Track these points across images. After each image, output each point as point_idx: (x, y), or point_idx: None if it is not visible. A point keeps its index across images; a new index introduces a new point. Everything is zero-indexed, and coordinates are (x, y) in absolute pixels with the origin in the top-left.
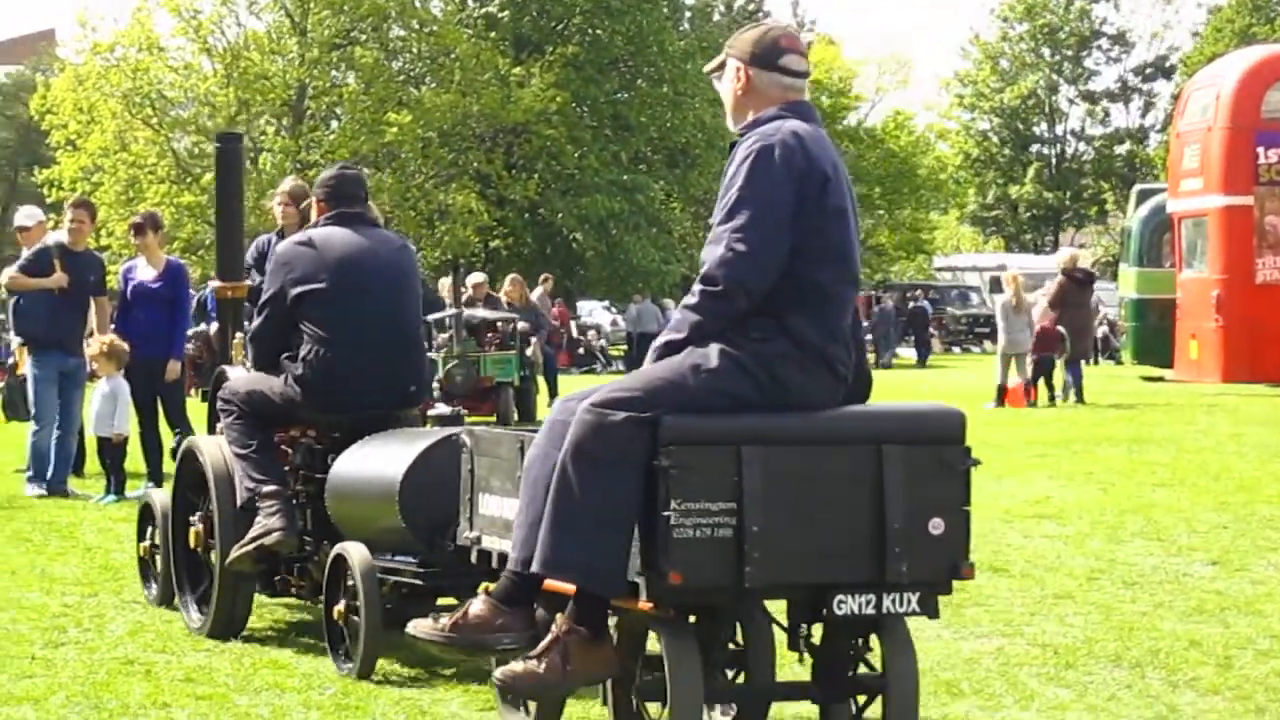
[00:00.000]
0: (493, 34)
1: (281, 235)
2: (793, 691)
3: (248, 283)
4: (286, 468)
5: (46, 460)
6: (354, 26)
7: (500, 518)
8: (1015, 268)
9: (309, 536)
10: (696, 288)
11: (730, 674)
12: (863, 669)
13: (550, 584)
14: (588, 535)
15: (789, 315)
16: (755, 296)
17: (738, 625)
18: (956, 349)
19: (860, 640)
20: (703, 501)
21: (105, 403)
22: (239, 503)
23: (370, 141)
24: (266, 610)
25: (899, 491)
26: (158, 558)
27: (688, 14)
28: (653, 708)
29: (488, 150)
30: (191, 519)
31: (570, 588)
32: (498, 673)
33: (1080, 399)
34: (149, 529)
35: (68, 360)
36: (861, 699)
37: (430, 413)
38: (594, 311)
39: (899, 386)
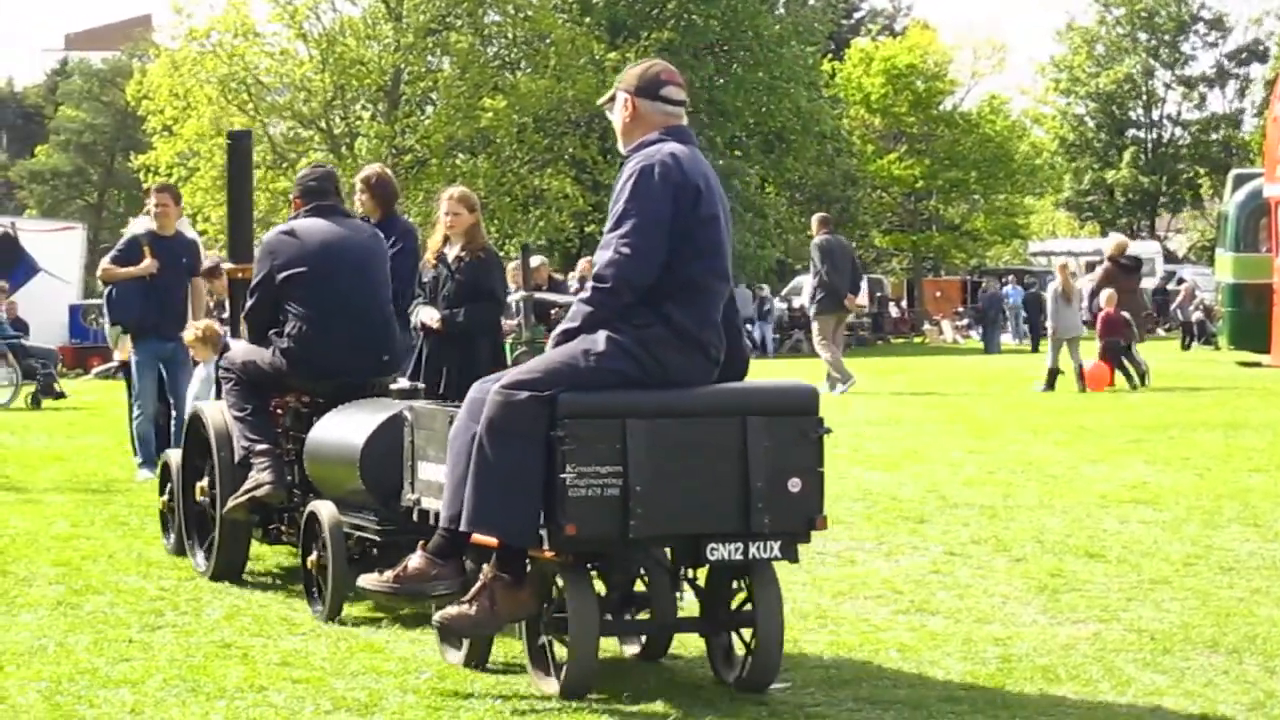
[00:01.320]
0: (588, 19)
1: (365, 221)
2: (686, 625)
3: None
4: (278, 429)
5: (151, 444)
6: (449, 12)
7: (435, 482)
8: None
9: (298, 490)
10: (589, 284)
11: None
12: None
13: (476, 538)
14: (503, 497)
15: (667, 306)
16: (638, 291)
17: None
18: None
19: (735, 581)
20: (593, 465)
21: (203, 387)
22: (236, 459)
23: (465, 127)
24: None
25: (761, 456)
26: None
27: None
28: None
29: (583, 135)
30: (200, 477)
31: (493, 541)
32: (436, 616)
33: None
34: (168, 485)
35: (165, 345)
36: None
37: (392, 386)
38: None
39: (1007, 374)
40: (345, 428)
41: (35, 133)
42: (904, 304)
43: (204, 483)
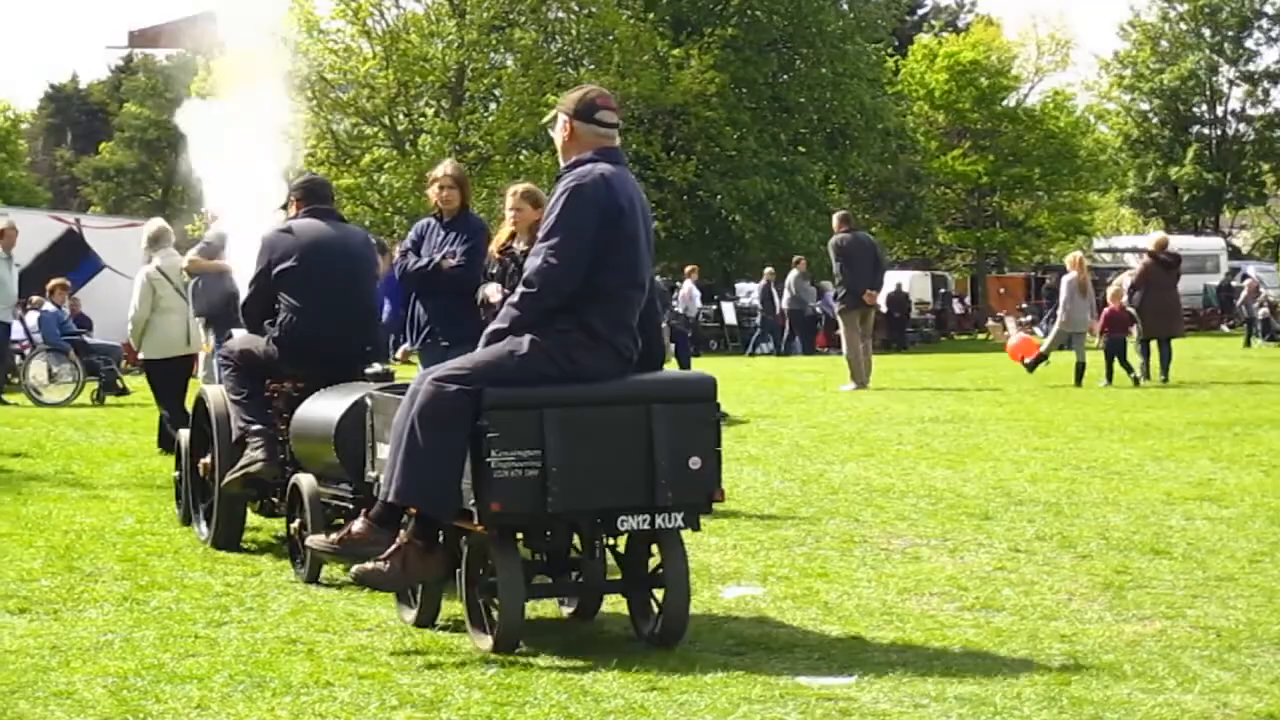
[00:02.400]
0: (651, 15)
1: (439, 218)
2: (611, 587)
3: (413, 261)
4: (272, 411)
5: None
6: (512, 8)
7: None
8: (1176, 247)
9: (290, 466)
10: (519, 289)
11: (574, 576)
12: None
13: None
14: (427, 475)
15: (585, 312)
16: (562, 297)
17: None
18: None
19: (648, 547)
20: (515, 450)
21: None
22: (233, 438)
23: (529, 123)
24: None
25: (664, 438)
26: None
27: None
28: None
29: (646, 132)
30: (205, 454)
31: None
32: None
33: (1165, 377)
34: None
35: None
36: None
37: (368, 370)
38: (752, 294)
39: (1070, 370)
40: (324, 408)
41: (100, 130)
42: (968, 300)
43: (206, 459)
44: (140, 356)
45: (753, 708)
